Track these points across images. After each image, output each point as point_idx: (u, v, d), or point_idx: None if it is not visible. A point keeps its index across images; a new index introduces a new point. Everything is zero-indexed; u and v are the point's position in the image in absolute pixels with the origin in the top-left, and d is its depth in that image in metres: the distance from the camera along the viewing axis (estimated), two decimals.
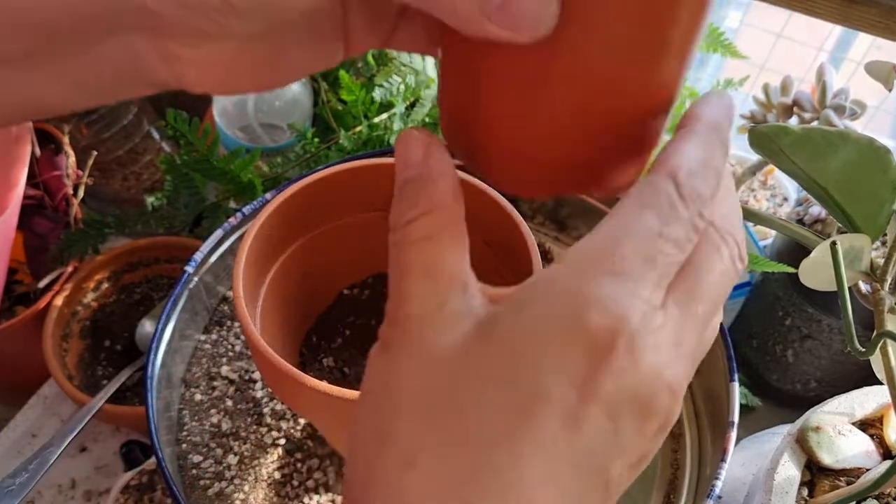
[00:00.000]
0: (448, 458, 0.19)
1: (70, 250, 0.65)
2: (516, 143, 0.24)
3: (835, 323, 0.58)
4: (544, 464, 0.19)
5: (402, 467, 0.20)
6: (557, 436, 0.19)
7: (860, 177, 0.34)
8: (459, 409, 0.20)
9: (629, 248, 0.20)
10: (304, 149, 0.69)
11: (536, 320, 0.20)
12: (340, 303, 0.51)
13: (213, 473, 0.48)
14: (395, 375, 0.21)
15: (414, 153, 0.23)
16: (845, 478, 0.49)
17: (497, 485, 0.19)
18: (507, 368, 0.20)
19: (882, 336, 0.34)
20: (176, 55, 0.23)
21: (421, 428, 0.20)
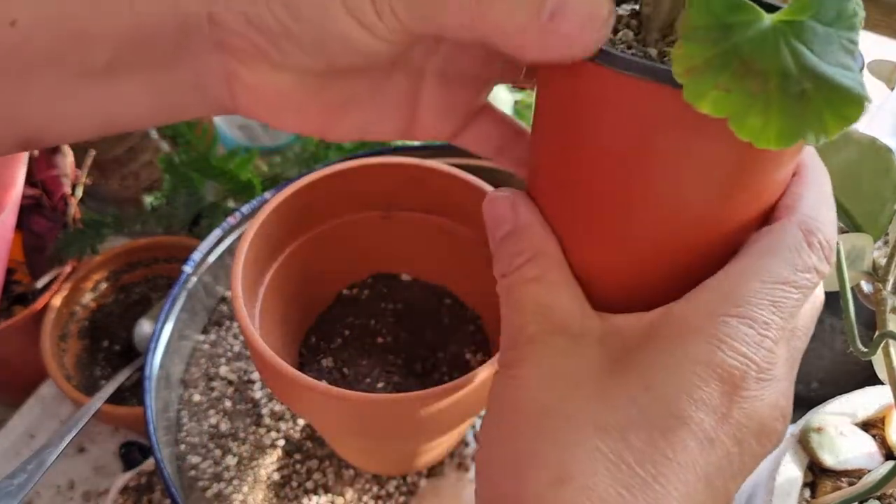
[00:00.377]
0: (599, 475, 0.21)
1: (68, 250, 0.65)
2: (601, 268, 0.25)
3: (836, 323, 0.58)
4: (684, 483, 0.21)
5: (555, 484, 0.21)
6: (696, 457, 0.21)
7: (862, 176, 0.33)
8: (604, 429, 0.21)
9: (759, 293, 0.22)
10: (304, 148, 0.68)
11: (674, 355, 0.22)
12: (340, 303, 0.51)
13: (212, 474, 0.48)
14: (527, 396, 0.23)
15: (503, 211, 0.25)
16: (847, 479, 0.48)
17: (646, 500, 0.21)
18: (648, 394, 0.21)
19: (884, 336, 0.34)
20: (236, 74, 0.25)
21: (570, 447, 0.21)
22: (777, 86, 0.18)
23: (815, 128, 0.18)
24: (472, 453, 0.51)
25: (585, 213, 0.24)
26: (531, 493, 0.21)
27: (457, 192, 0.46)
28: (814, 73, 0.18)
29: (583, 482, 0.21)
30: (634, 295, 0.24)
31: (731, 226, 0.24)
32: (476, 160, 0.60)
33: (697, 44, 0.18)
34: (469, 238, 0.48)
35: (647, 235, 0.24)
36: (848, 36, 0.19)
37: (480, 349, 0.48)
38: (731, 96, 0.18)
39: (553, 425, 0.22)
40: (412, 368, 0.48)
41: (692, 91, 0.18)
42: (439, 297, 0.51)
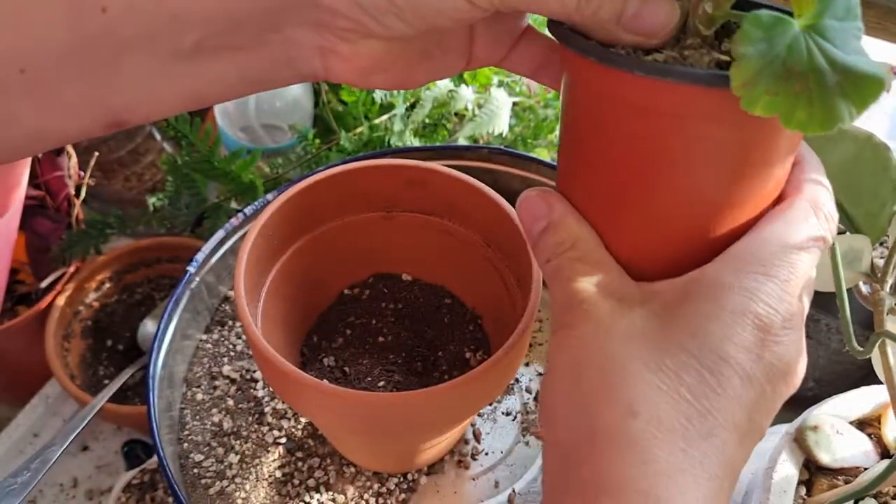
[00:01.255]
0: (662, 408, 0.24)
1: (72, 250, 0.66)
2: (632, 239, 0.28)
3: (833, 322, 0.58)
4: (731, 413, 0.24)
5: (626, 417, 0.24)
6: (739, 392, 0.24)
7: (860, 174, 0.33)
8: (661, 370, 0.24)
9: (780, 256, 0.25)
10: (305, 149, 0.69)
11: (714, 307, 0.25)
12: (341, 303, 0.51)
13: (215, 472, 0.49)
14: (587, 349, 0.25)
15: (539, 208, 0.28)
16: (843, 477, 0.49)
17: (704, 428, 0.24)
18: (695, 340, 0.24)
19: (880, 335, 0.34)
20: (332, 48, 0.27)
21: (635, 386, 0.24)
22: (815, 82, 0.21)
23: (848, 111, 0.21)
24: (472, 451, 0.52)
25: (615, 202, 0.27)
26: (604, 427, 0.24)
27: (457, 193, 0.46)
28: (842, 65, 0.22)
29: (650, 414, 0.24)
30: (665, 267, 0.27)
31: (747, 205, 0.27)
32: (475, 162, 0.60)
33: (749, 59, 0.21)
34: (469, 239, 0.48)
35: (672, 218, 0.27)
36: (856, 25, 0.23)
37: (480, 348, 0.49)
38: (778, 98, 0.21)
39: (615, 370, 0.25)
40: (413, 367, 0.48)
41: (748, 100, 0.21)
42: (439, 297, 0.51)
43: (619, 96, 0.25)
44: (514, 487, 0.50)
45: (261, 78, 0.28)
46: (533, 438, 0.52)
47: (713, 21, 0.25)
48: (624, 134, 0.26)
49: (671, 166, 0.26)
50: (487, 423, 0.53)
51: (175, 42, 0.26)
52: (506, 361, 0.39)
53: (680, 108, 0.24)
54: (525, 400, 0.55)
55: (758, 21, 0.21)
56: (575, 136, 0.28)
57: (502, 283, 0.47)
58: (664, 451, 0.23)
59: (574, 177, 0.29)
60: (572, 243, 0.27)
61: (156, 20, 0.25)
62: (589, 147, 0.28)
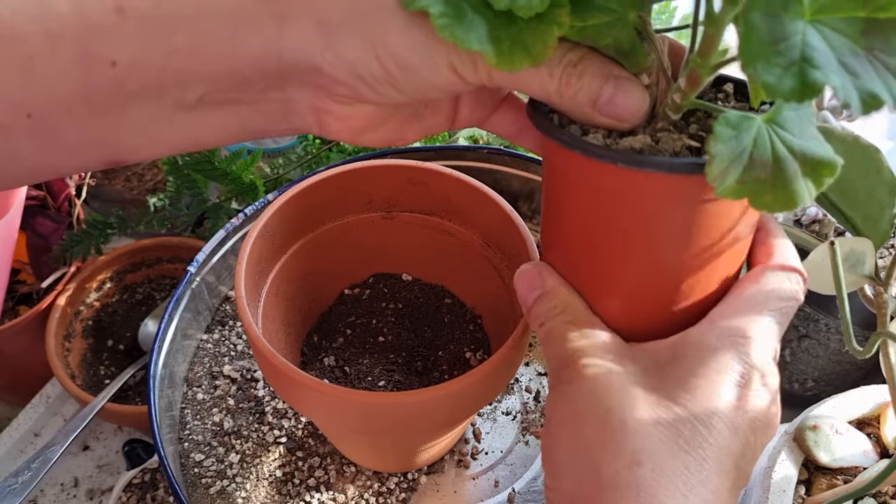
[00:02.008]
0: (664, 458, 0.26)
1: (73, 251, 0.66)
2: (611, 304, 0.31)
3: (832, 322, 0.58)
4: (722, 463, 0.26)
5: (631, 467, 0.26)
6: (728, 443, 0.27)
7: (852, 176, 0.33)
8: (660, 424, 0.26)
9: (758, 320, 0.28)
10: (306, 150, 0.69)
11: (700, 366, 0.27)
12: (341, 303, 0.51)
13: (215, 472, 0.49)
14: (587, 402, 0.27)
15: (535, 280, 0.32)
16: (842, 476, 0.49)
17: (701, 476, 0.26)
18: (688, 396, 0.27)
19: (880, 336, 0.34)
20: (327, 110, 0.29)
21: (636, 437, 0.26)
22: (778, 169, 0.24)
23: (808, 191, 0.24)
24: (472, 450, 0.52)
25: (597, 273, 0.30)
26: (610, 476, 0.26)
27: (457, 193, 0.46)
28: (800, 152, 0.24)
29: (653, 464, 0.26)
30: (648, 330, 0.30)
31: (719, 270, 0.30)
32: (476, 162, 0.60)
33: (721, 155, 0.24)
34: (469, 239, 0.48)
35: (652, 287, 0.30)
36: (810, 112, 0.26)
37: (480, 348, 0.49)
38: (747, 186, 0.24)
39: (615, 422, 0.26)
40: (413, 367, 0.48)
41: (721, 189, 0.24)
42: (439, 297, 0.51)
43: (599, 183, 0.28)
44: (513, 487, 0.50)
45: (259, 128, 0.30)
46: (532, 438, 0.53)
47: (680, 108, 0.28)
48: (603, 214, 0.29)
49: (647, 241, 0.28)
50: (487, 423, 0.53)
51: (180, 96, 0.27)
52: (506, 361, 0.39)
53: (656, 192, 0.27)
54: (525, 400, 0.55)
55: (727, 121, 0.24)
56: (557, 213, 0.31)
57: (502, 282, 0.47)
58: (668, 498, 0.25)
59: (557, 249, 0.32)
60: (563, 308, 0.30)
61: (162, 76, 0.26)
62: (569, 224, 0.31)
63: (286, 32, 0.26)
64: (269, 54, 0.26)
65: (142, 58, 0.25)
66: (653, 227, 0.28)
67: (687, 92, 0.27)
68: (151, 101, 0.27)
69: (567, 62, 0.27)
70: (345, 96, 0.28)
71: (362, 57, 0.26)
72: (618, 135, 0.28)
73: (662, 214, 0.28)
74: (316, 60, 0.26)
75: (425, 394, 0.37)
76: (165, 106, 0.27)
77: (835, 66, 0.22)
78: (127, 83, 0.26)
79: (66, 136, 0.27)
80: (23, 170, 0.28)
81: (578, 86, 0.27)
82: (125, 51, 0.25)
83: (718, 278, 0.30)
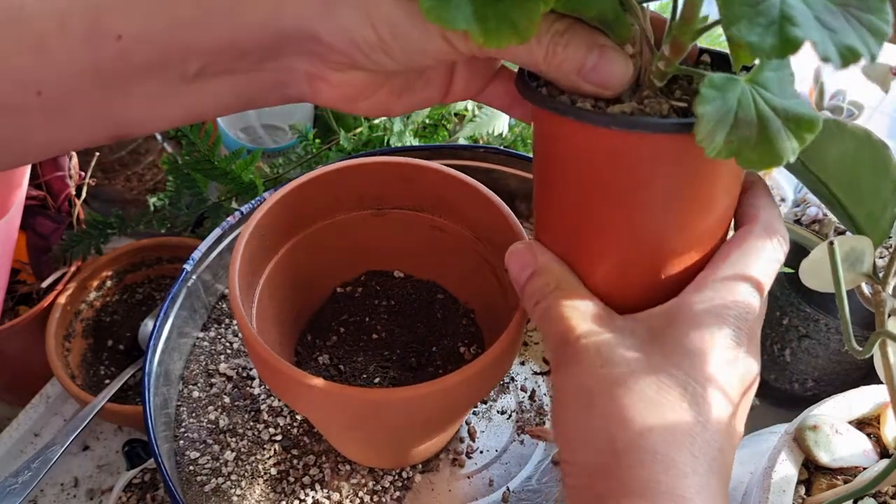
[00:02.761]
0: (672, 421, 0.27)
1: (73, 251, 0.66)
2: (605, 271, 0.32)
3: (832, 322, 0.58)
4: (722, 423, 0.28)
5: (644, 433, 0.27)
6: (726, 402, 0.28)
7: (860, 172, 0.33)
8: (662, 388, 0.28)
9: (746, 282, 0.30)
10: (305, 149, 0.69)
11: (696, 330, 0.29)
12: (334, 301, 0.51)
13: (211, 469, 0.49)
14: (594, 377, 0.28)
15: (527, 258, 0.32)
16: (842, 476, 0.48)
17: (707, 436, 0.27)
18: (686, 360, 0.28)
19: (879, 335, 0.34)
20: (322, 76, 0.29)
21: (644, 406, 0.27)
22: (762, 128, 0.25)
23: (791, 148, 0.25)
24: (467, 449, 0.51)
25: (591, 243, 0.31)
26: (625, 444, 0.27)
27: (448, 189, 0.46)
28: (783, 111, 0.25)
29: (662, 428, 0.27)
30: (641, 300, 0.31)
31: (707, 233, 0.31)
32: (472, 161, 0.60)
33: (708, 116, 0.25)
34: (460, 234, 0.48)
35: (644, 253, 0.30)
36: (789, 72, 0.27)
37: (474, 342, 0.49)
38: (733, 145, 0.25)
39: (623, 394, 0.28)
40: (407, 363, 0.48)
41: (710, 149, 0.25)
42: (432, 293, 0.51)
43: (591, 148, 0.29)
44: (508, 486, 0.49)
45: (253, 98, 0.31)
46: (527, 437, 0.52)
47: (665, 75, 0.29)
48: (594, 180, 0.29)
49: (639, 205, 0.29)
50: (482, 422, 0.53)
51: (182, 68, 0.28)
52: (501, 354, 0.39)
53: (647, 153, 0.28)
54: (520, 399, 0.54)
55: (712, 83, 0.25)
56: (548, 188, 0.32)
57: (494, 277, 0.47)
58: (680, 458, 0.27)
59: (549, 225, 0.33)
60: (556, 284, 0.31)
61: (167, 49, 0.27)
62: (561, 196, 0.31)
63: (285, 3, 0.27)
64: (269, 24, 0.27)
65: (147, 31, 0.26)
66: (644, 190, 0.29)
67: (671, 59, 0.28)
68: (156, 74, 0.28)
69: (554, 32, 0.28)
70: (339, 63, 0.29)
71: (358, 25, 0.27)
72: (604, 103, 0.29)
73: (653, 176, 0.28)
74: (314, 28, 0.27)
75: (420, 389, 0.37)
76: (169, 78, 0.28)
77: (813, 23, 0.22)
78: (133, 57, 0.27)
79: (73, 112, 0.28)
80: (32, 146, 0.29)
81: (564, 55, 0.28)
82: (131, 25, 0.26)
83: (707, 241, 0.31)
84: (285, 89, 0.30)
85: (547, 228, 0.33)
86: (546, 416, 0.54)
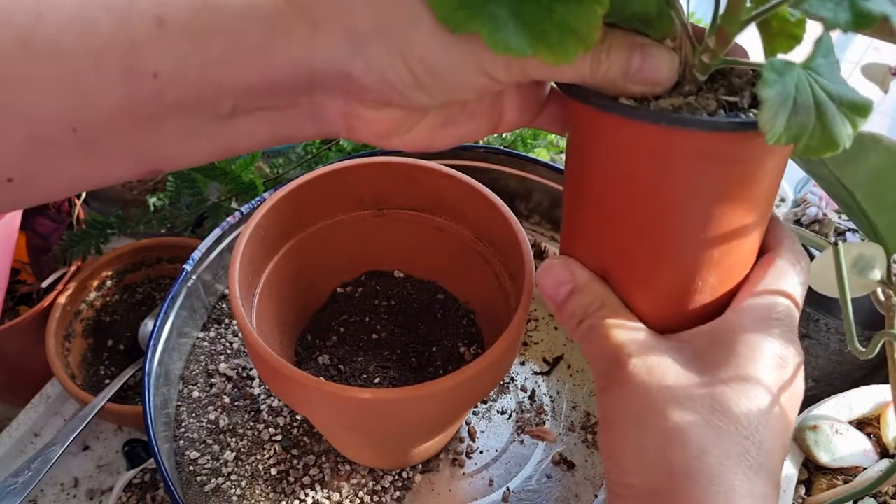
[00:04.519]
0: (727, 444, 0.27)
1: (72, 251, 0.66)
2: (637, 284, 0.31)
3: (833, 322, 0.58)
4: (774, 443, 0.28)
5: (701, 455, 0.27)
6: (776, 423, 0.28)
7: (889, 184, 0.34)
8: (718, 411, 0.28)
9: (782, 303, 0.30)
10: (306, 150, 0.69)
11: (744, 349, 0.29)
12: (334, 301, 0.51)
13: (210, 469, 0.49)
14: (648, 397, 0.28)
15: (563, 275, 0.32)
16: (842, 476, 0.48)
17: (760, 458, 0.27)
18: (737, 381, 0.28)
19: (884, 336, 0.34)
20: (357, 114, 0.29)
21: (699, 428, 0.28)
22: (820, 113, 0.25)
23: (847, 133, 0.25)
24: (467, 449, 0.52)
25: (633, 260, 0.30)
26: (681, 467, 0.27)
27: (447, 189, 0.46)
28: (837, 96, 0.26)
29: (719, 451, 0.27)
30: (681, 320, 0.31)
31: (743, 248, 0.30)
32: (473, 161, 0.60)
33: (772, 100, 0.25)
34: (460, 234, 0.48)
35: (683, 267, 0.30)
36: (835, 60, 0.27)
37: (474, 343, 0.49)
38: (792, 131, 0.25)
39: (676, 416, 0.28)
40: (408, 363, 0.48)
41: (771, 135, 0.25)
42: (432, 293, 0.51)
43: (638, 147, 0.28)
44: (508, 486, 0.49)
45: (289, 134, 0.30)
46: (527, 437, 0.52)
47: (708, 69, 0.28)
48: (640, 185, 0.29)
49: (684, 212, 0.29)
50: (482, 422, 0.53)
51: (216, 106, 0.27)
52: (500, 355, 0.39)
53: (696, 152, 0.27)
54: (520, 399, 0.54)
55: (773, 67, 0.25)
56: (586, 199, 0.31)
57: (495, 277, 0.47)
58: (737, 480, 0.27)
59: (585, 240, 0.32)
60: (601, 303, 0.31)
61: (200, 87, 0.27)
62: (602, 206, 0.30)
63: (318, 41, 0.26)
64: (302, 62, 0.27)
65: (181, 69, 0.26)
66: (689, 196, 0.28)
67: (716, 51, 0.27)
68: (189, 112, 0.27)
69: None
70: (374, 101, 0.28)
71: (391, 62, 0.26)
72: (646, 101, 0.28)
73: (701, 179, 0.28)
74: (346, 67, 0.27)
75: (420, 389, 0.37)
76: (202, 116, 0.28)
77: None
78: (167, 95, 0.26)
79: (107, 149, 0.28)
80: (64, 182, 0.29)
81: (609, 62, 0.27)
82: (166, 63, 0.26)
83: (745, 259, 0.31)
84: (319, 125, 0.30)
85: (580, 242, 0.32)
86: (546, 415, 0.54)
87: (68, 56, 0.25)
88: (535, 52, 0.24)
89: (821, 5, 0.23)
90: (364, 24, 0.26)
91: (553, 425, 0.53)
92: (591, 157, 0.30)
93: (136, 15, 0.25)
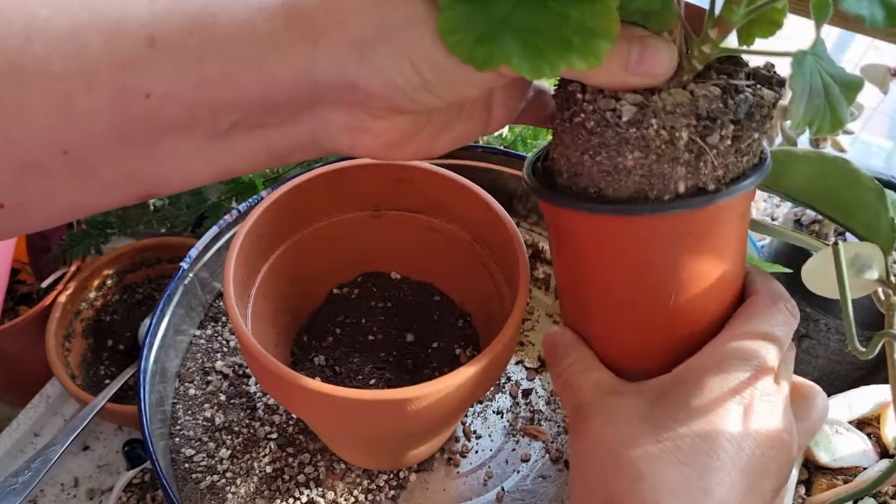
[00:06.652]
0: (665, 470, 0.28)
1: (73, 251, 0.66)
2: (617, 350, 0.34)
3: (832, 322, 0.58)
4: (726, 473, 0.28)
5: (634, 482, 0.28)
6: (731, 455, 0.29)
7: (833, 188, 0.34)
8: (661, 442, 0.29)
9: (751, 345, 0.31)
10: None
11: (701, 389, 0.30)
12: (330, 302, 0.51)
13: (206, 467, 0.49)
14: (601, 437, 0.31)
15: (556, 339, 0.35)
16: (842, 476, 0.48)
17: (703, 485, 0.28)
18: (688, 416, 0.29)
19: (884, 336, 0.34)
20: (361, 126, 0.29)
21: (639, 457, 0.29)
22: (828, 96, 0.27)
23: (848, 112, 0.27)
24: (462, 448, 0.51)
25: (607, 322, 0.34)
26: (618, 492, 0.29)
27: (443, 190, 0.46)
28: (839, 78, 0.27)
29: (654, 477, 0.28)
30: (655, 368, 0.32)
31: (715, 302, 0.32)
32: (471, 161, 0.60)
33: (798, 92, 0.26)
34: (457, 236, 0.48)
35: (658, 327, 0.32)
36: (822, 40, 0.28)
37: (470, 344, 0.49)
38: (808, 115, 0.26)
39: (621, 448, 0.30)
40: (403, 365, 0.48)
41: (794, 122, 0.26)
42: (428, 295, 0.51)
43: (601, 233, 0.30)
44: (503, 485, 0.49)
45: (287, 153, 0.30)
46: (523, 437, 0.52)
47: (707, 58, 0.29)
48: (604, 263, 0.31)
49: (648, 281, 0.31)
50: (478, 421, 0.53)
51: (212, 125, 0.27)
52: (496, 357, 0.38)
53: (654, 232, 0.29)
54: (516, 398, 0.54)
55: (797, 60, 0.26)
56: (564, 274, 0.35)
57: (491, 279, 0.47)
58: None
59: (571, 306, 0.36)
60: (575, 359, 0.34)
61: (195, 106, 0.26)
62: (576, 280, 0.34)
63: (319, 55, 0.26)
64: (302, 78, 0.26)
65: (174, 89, 0.26)
66: (655, 265, 0.30)
67: (717, 40, 0.28)
68: (184, 132, 0.27)
69: None
70: (381, 109, 0.28)
71: (398, 65, 0.26)
72: (649, 93, 0.29)
73: (663, 251, 0.30)
74: (350, 77, 0.26)
75: (416, 390, 0.37)
76: (197, 136, 0.27)
77: None
78: (160, 115, 0.26)
79: (100, 172, 0.27)
80: (54, 209, 0.28)
81: (609, 56, 0.27)
82: (158, 83, 0.25)
83: (717, 310, 0.33)
84: (320, 142, 0.29)
85: (570, 310, 0.36)
86: (541, 415, 0.53)
87: (59, 78, 0.25)
88: (569, 65, 0.25)
89: (857, 4, 0.23)
90: (366, 32, 0.26)
91: (548, 425, 0.53)
92: (561, 244, 0.33)
93: (127, 36, 0.25)
